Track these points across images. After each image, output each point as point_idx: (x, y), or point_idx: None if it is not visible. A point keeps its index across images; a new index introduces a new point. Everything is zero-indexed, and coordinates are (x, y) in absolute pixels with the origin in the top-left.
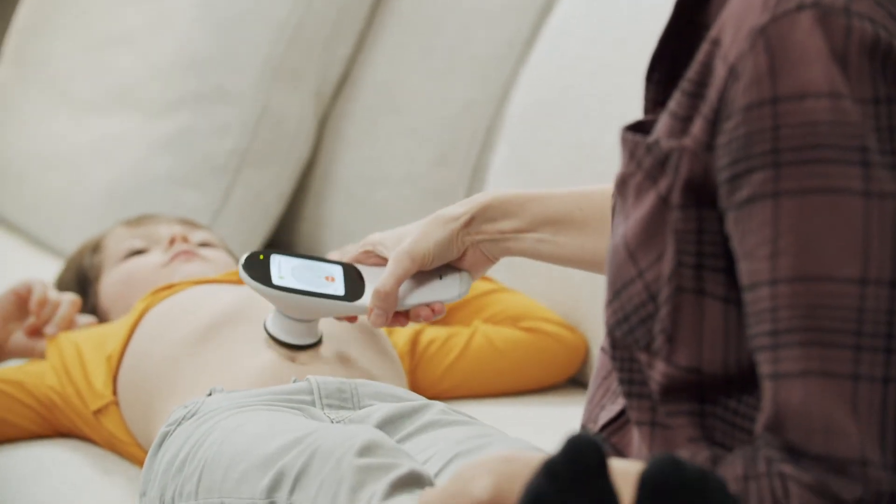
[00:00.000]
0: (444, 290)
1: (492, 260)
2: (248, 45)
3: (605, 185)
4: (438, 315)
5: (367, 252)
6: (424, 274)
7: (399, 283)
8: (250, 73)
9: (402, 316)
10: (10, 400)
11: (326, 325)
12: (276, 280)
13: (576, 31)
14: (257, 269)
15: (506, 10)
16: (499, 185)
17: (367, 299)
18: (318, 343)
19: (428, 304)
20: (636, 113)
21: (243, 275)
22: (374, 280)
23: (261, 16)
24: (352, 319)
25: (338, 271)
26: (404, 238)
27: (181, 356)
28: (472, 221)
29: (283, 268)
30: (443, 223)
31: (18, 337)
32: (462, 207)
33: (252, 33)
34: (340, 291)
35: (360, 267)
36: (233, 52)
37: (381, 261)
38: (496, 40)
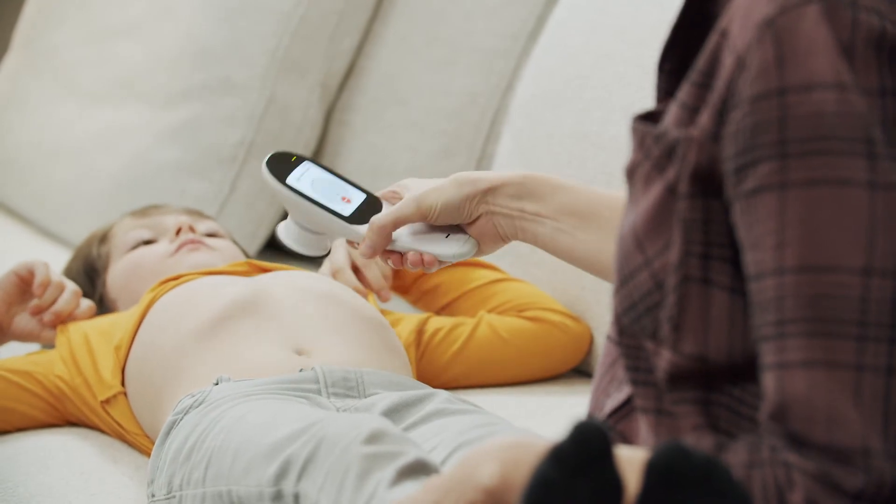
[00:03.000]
0: (443, 247)
1: (503, 238)
2: (254, 37)
3: None
4: (428, 268)
5: (393, 192)
6: (432, 227)
7: (396, 222)
8: (256, 64)
9: (396, 255)
10: (19, 389)
11: (332, 316)
12: (290, 180)
13: (578, 22)
14: (281, 165)
15: (509, 2)
16: None
17: (365, 228)
18: (324, 256)
19: (420, 253)
20: (639, 103)
21: (264, 168)
22: None
23: (266, 7)
24: (351, 244)
25: (359, 197)
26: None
27: (188, 347)
28: (491, 191)
29: (306, 174)
30: (459, 184)
31: (22, 320)
32: (487, 175)
33: (258, 24)
34: (346, 213)
35: (384, 203)
36: (239, 44)
37: None
38: (500, 32)
